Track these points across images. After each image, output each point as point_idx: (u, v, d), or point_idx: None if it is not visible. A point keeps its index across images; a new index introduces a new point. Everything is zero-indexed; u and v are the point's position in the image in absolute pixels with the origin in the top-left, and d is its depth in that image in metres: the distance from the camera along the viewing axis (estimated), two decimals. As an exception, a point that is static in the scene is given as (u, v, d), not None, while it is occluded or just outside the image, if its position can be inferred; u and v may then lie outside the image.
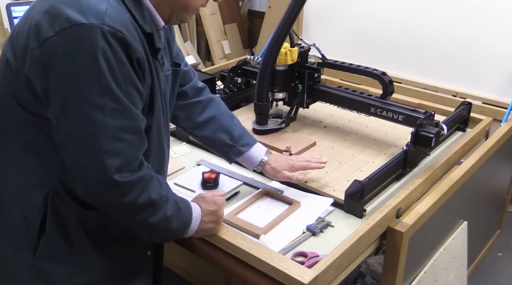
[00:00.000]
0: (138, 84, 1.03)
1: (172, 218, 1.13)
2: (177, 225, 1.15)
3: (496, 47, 2.19)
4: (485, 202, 2.11)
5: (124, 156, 1.01)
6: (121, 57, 0.98)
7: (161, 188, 1.10)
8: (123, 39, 0.97)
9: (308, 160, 1.53)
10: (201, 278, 2.11)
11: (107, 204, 1.06)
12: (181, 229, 1.18)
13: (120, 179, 1.01)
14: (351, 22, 2.61)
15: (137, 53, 1.01)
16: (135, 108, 1.03)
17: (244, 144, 1.45)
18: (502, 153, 2.01)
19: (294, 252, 1.28)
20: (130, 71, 1.00)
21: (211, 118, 1.45)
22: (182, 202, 1.18)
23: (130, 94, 1.01)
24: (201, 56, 4.03)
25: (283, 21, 1.67)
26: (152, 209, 1.08)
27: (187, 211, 1.19)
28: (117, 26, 0.97)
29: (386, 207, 1.40)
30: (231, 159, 1.48)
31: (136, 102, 1.03)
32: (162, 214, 1.10)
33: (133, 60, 1.00)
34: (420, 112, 1.71)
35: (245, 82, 2.14)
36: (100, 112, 0.97)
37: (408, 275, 1.51)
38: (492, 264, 2.39)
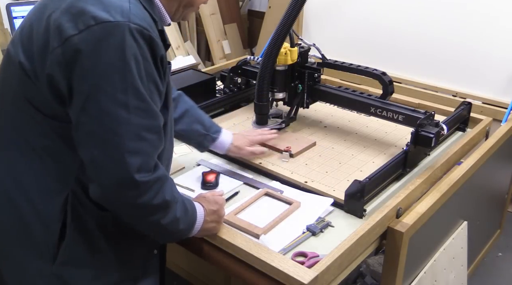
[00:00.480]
0: (159, 83, 1.03)
1: (181, 219, 1.12)
2: (184, 226, 1.15)
3: (496, 47, 2.19)
4: (485, 202, 2.11)
5: (143, 155, 1.00)
6: (146, 55, 0.98)
7: (174, 188, 1.11)
8: (150, 37, 0.98)
9: (261, 133, 1.71)
10: (201, 278, 2.11)
11: (122, 204, 1.04)
12: (187, 230, 1.18)
13: (139, 178, 0.99)
14: (351, 22, 2.61)
15: (161, 50, 1.02)
16: (156, 107, 1.03)
17: (215, 131, 1.58)
18: (502, 153, 2.01)
19: (294, 252, 1.28)
20: (153, 69, 1.00)
21: (185, 112, 1.52)
22: (188, 202, 1.18)
23: (152, 93, 1.01)
24: (201, 56, 4.03)
25: (283, 21, 1.67)
26: (165, 210, 1.08)
27: (192, 211, 1.18)
28: (143, 23, 0.98)
29: (386, 207, 1.41)
30: (205, 147, 1.58)
31: (156, 100, 1.03)
32: (173, 216, 1.09)
33: (157, 58, 1.01)
34: (420, 112, 1.71)
35: (245, 82, 2.14)
36: (124, 110, 0.97)
37: (408, 275, 1.51)
38: (492, 264, 2.39)
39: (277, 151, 1.75)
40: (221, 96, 2.09)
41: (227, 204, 1.48)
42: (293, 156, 1.72)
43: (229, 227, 1.33)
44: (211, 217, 1.23)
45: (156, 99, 1.04)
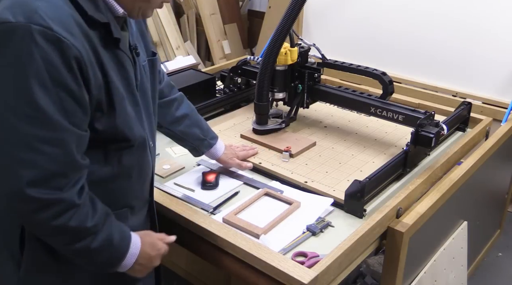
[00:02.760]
0: (73, 89, 0.92)
1: (97, 252, 1.03)
2: (103, 259, 1.06)
3: (496, 47, 2.19)
4: (485, 202, 2.10)
5: (41, 169, 0.91)
6: (51, 58, 0.89)
7: (89, 219, 1.00)
8: (55, 37, 0.89)
9: (244, 149, 1.71)
10: (201, 278, 2.11)
11: (21, 218, 1.00)
12: (108, 264, 1.08)
13: (33, 193, 0.91)
14: (351, 22, 2.61)
15: (73, 50, 0.91)
16: (68, 117, 0.93)
17: (212, 137, 1.57)
18: (502, 153, 2.01)
19: (294, 252, 1.28)
20: (63, 74, 0.91)
21: (186, 114, 1.51)
22: (120, 237, 1.07)
23: (62, 101, 0.92)
24: (201, 56, 4.03)
25: (283, 21, 1.67)
26: (69, 237, 1.00)
27: (121, 247, 1.08)
28: (47, 23, 0.88)
29: (386, 207, 1.41)
30: (201, 152, 1.56)
31: (71, 109, 0.93)
32: (83, 245, 1.01)
33: (70, 60, 0.91)
34: (420, 112, 1.71)
35: (245, 82, 2.14)
36: (14, 117, 0.89)
37: (408, 275, 1.51)
38: (492, 264, 2.39)
39: (277, 151, 1.76)
40: (221, 96, 2.09)
41: (227, 204, 1.48)
42: (293, 156, 1.72)
43: (229, 227, 1.33)
44: (143, 260, 1.12)
45: (71, 107, 0.93)
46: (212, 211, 1.44)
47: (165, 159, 1.70)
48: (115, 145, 1.07)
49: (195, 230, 1.34)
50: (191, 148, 1.56)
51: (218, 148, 1.58)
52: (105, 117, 1.01)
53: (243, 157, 1.67)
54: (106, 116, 1.02)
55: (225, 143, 1.64)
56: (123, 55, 1.05)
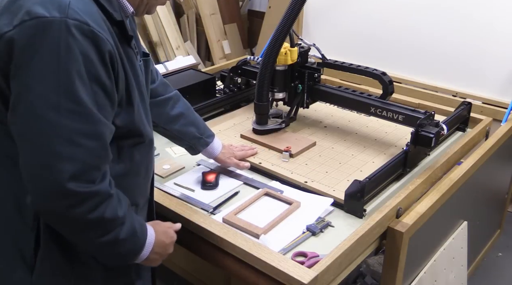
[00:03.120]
0: (105, 82, 0.94)
1: (122, 243, 1.03)
2: (126, 250, 1.06)
3: (496, 47, 2.19)
4: (485, 202, 2.11)
5: (79, 163, 0.91)
6: (87, 52, 0.90)
7: (119, 208, 1.01)
8: (91, 32, 0.91)
9: (242, 149, 1.70)
10: (201, 278, 2.11)
11: (52, 214, 0.96)
12: (130, 255, 1.08)
13: (74, 187, 0.91)
14: (351, 22, 2.61)
15: (108, 45, 0.93)
16: (100, 110, 0.94)
17: (209, 135, 1.57)
18: (502, 153, 2.01)
19: (294, 252, 1.28)
20: (98, 68, 0.92)
21: (182, 113, 1.51)
22: (140, 226, 1.08)
23: (96, 94, 0.93)
24: (201, 56, 4.03)
25: (283, 21, 1.67)
26: (101, 229, 0.99)
27: (142, 236, 1.09)
28: (83, 18, 0.90)
29: (386, 207, 1.40)
30: (197, 150, 1.56)
31: (102, 103, 0.95)
32: (113, 236, 1.01)
33: (104, 54, 0.93)
34: (420, 112, 1.71)
35: (245, 82, 2.14)
36: (54, 111, 0.89)
37: (408, 275, 1.51)
38: (492, 264, 2.39)
39: (277, 151, 1.76)
40: (221, 96, 2.09)
41: (227, 204, 1.48)
42: (293, 156, 1.72)
43: (229, 227, 1.33)
44: (158, 249, 1.13)
45: (103, 101, 0.95)
46: (212, 211, 1.44)
47: (165, 159, 1.70)
48: (129, 141, 1.09)
49: (195, 230, 1.34)
50: (187, 147, 1.56)
51: (215, 147, 1.58)
52: (124, 113, 1.03)
53: (241, 157, 1.67)
54: (125, 112, 1.04)
55: (225, 143, 1.64)
56: (132, 53, 1.06)
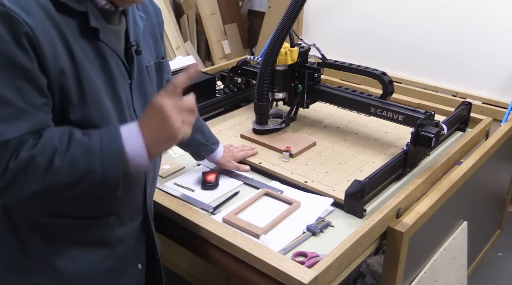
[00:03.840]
0: (24, 65, 0.90)
1: (77, 160, 0.93)
2: (91, 163, 0.94)
3: (496, 47, 2.19)
4: (485, 202, 2.11)
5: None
6: (0, 34, 0.88)
7: (35, 144, 0.92)
8: (6, 13, 0.88)
9: (243, 149, 1.71)
10: (201, 278, 2.11)
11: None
12: (106, 161, 0.95)
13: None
14: (351, 22, 2.61)
15: (24, 27, 0.89)
16: (19, 94, 0.90)
17: (214, 142, 1.58)
18: (502, 153, 2.01)
19: (294, 252, 1.28)
20: (12, 50, 0.88)
21: None
22: (99, 133, 0.96)
23: (13, 78, 0.89)
24: (201, 56, 4.03)
25: (283, 21, 1.67)
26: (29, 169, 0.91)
27: (104, 137, 0.96)
28: (1, 1, 0.88)
29: (386, 207, 1.41)
30: (202, 156, 1.57)
31: (19, 84, 0.90)
32: (55, 160, 0.92)
33: (19, 35, 0.89)
34: (420, 112, 1.71)
35: (245, 82, 2.14)
36: None
37: (408, 275, 1.51)
38: (492, 264, 2.39)
39: (277, 151, 1.76)
40: (221, 96, 2.09)
41: (227, 204, 1.48)
42: (293, 156, 1.72)
43: (229, 227, 1.33)
44: (149, 118, 0.97)
45: (23, 85, 0.90)
46: (212, 211, 1.44)
47: (165, 159, 1.70)
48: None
49: (195, 230, 1.33)
50: (192, 152, 1.57)
51: (218, 152, 1.59)
52: (76, 107, 0.97)
53: (241, 158, 1.67)
54: (78, 106, 0.97)
55: (225, 143, 1.64)
56: (106, 48, 1.02)
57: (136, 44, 1.09)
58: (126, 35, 1.09)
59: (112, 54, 1.03)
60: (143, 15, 1.15)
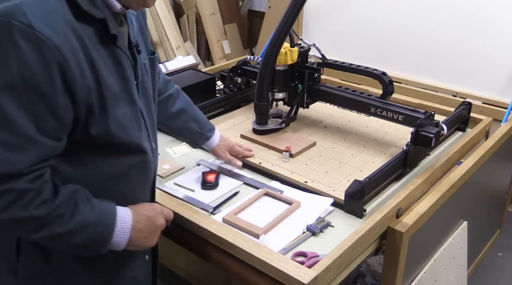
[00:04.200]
0: (47, 92, 0.88)
1: (68, 234, 0.97)
2: (83, 240, 0.99)
3: (496, 47, 2.19)
4: (485, 202, 2.10)
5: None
6: (26, 58, 0.85)
7: (40, 204, 0.93)
8: (34, 36, 0.84)
9: (240, 146, 1.70)
10: (201, 278, 2.11)
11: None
12: (96, 244, 1.02)
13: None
14: (351, 22, 2.61)
15: (55, 53, 0.86)
16: (37, 121, 0.89)
17: (209, 129, 1.59)
18: (502, 153, 2.01)
19: (294, 252, 1.28)
20: (37, 76, 0.86)
21: (182, 109, 1.51)
22: (99, 213, 1.01)
23: (33, 104, 0.88)
24: (201, 56, 4.03)
25: (283, 21, 1.67)
26: (26, 225, 0.94)
27: (104, 223, 1.02)
28: (28, 20, 0.84)
29: (386, 207, 1.40)
30: (198, 144, 1.60)
31: (41, 113, 0.89)
32: (49, 231, 0.95)
33: (48, 61, 0.86)
34: (420, 112, 1.71)
35: (245, 82, 2.14)
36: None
37: (408, 275, 1.51)
38: (492, 264, 2.39)
39: (277, 151, 1.76)
40: (221, 96, 2.09)
41: (227, 204, 1.48)
42: (293, 156, 1.72)
43: (229, 227, 1.33)
44: (143, 224, 1.07)
45: (42, 111, 0.89)
46: (212, 211, 1.44)
47: (165, 159, 1.70)
48: (112, 148, 1.04)
49: (195, 230, 1.33)
50: (189, 141, 1.61)
51: (213, 140, 1.60)
52: (98, 121, 0.98)
53: (237, 153, 1.68)
54: (99, 120, 0.98)
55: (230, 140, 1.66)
56: (121, 52, 1.02)
57: (136, 43, 1.09)
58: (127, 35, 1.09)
59: (125, 57, 1.03)
60: (134, 12, 1.15)
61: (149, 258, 1.24)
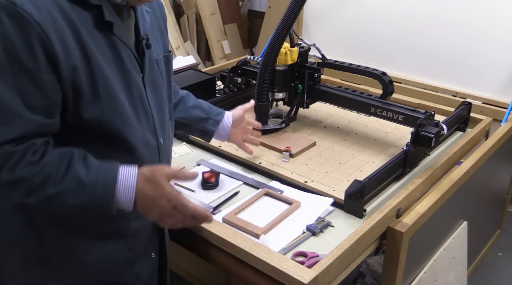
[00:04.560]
0: (30, 67, 0.90)
1: (69, 193, 0.96)
2: (84, 199, 0.98)
3: (496, 47, 2.19)
4: (485, 202, 2.10)
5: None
6: (9, 33, 0.88)
7: (27, 166, 0.93)
8: (17, 12, 0.87)
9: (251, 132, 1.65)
10: (201, 278, 2.11)
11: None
12: (99, 202, 0.99)
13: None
14: (351, 22, 2.61)
15: (36, 28, 0.88)
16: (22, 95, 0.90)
17: (217, 113, 1.51)
18: (502, 153, 2.01)
19: (294, 252, 1.28)
20: (19, 50, 0.89)
21: (181, 99, 1.47)
22: (97, 171, 0.99)
23: (16, 78, 0.90)
24: (201, 56, 4.03)
25: (283, 21, 1.67)
26: (17, 189, 0.95)
27: (99, 181, 0.98)
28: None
29: (386, 207, 1.40)
30: (210, 131, 1.50)
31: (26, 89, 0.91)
32: (43, 193, 0.95)
33: (30, 36, 0.88)
34: (420, 112, 1.71)
35: (245, 82, 2.14)
36: None
37: (408, 275, 1.51)
38: (492, 264, 2.39)
39: (277, 151, 1.76)
40: (221, 96, 2.08)
41: (227, 204, 1.48)
42: (293, 156, 1.72)
43: (229, 227, 1.33)
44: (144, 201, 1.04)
45: (24, 85, 0.90)
46: (212, 211, 1.44)
47: (165, 159, 1.70)
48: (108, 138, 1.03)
49: (195, 230, 1.33)
50: (200, 133, 1.51)
51: (226, 123, 1.51)
52: (89, 104, 0.98)
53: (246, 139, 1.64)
54: (91, 104, 0.98)
55: None
56: (119, 42, 1.03)
57: (146, 38, 1.10)
58: (136, 29, 1.10)
59: (124, 47, 1.04)
60: (149, 9, 1.17)
61: (155, 256, 1.24)
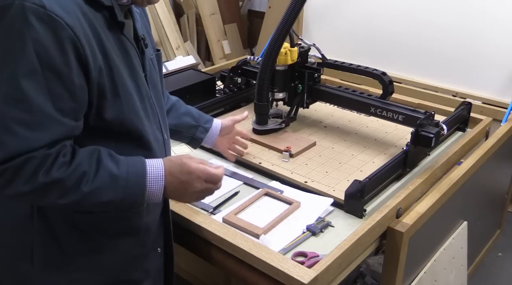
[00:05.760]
0: (62, 71, 0.90)
1: (103, 190, 0.98)
2: (117, 194, 1.00)
3: (496, 47, 2.19)
4: (485, 202, 2.11)
5: (9, 151, 0.89)
6: (41, 38, 0.87)
7: (61, 166, 0.94)
8: (48, 16, 0.87)
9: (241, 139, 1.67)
10: (201, 278, 2.11)
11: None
12: (132, 196, 1.02)
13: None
14: (351, 22, 2.61)
15: (68, 31, 0.88)
16: (54, 100, 0.90)
17: (206, 120, 1.53)
18: (502, 153, 2.01)
19: (294, 252, 1.28)
20: (52, 56, 0.89)
21: (172, 106, 1.47)
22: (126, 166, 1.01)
23: (49, 82, 0.89)
24: (201, 56, 4.03)
25: (283, 21, 1.67)
26: (51, 190, 0.95)
27: (130, 176, 1.01)
28: (40, 1, 0.87)
29: (386, 207, 1.40)
30: (199, 139, 1.52)
31: (57, 92, 0.91)
32: (78, 192, 0.96)
33: (62, 40, 0.88)
34: (420, 112, 1.71)
35: (245, 82, 2.14)
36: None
37: (408, 275, 1.51)
38: (492, 264, 2.39)
39: (277, 151, 1.76)
40: (221, 96, 2.09)
41: (227, 204, 1.48)
42: (293, 156, 1.72)
43: (229, 227, 1.33)
44: (174, 186, 1.07)
45: (58, 90, 0.90)
46: (212, 211, 1.44)
47: (165, 159, 1.70)
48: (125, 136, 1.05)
49: (195, 230, 1.34)
50: (188, 139, 1.52)
51: (214, 129, 1.54)
52: (111, 105, 1.00)
53: (232, 149, 1.67)
54: (113, 104, 1.00)
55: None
56: (127, 42, 1.04)
57: (143, 36, 1.12)
58: (134, 29, 1.11)
59: (131, 47, 1.06)
60: (138, 10, 1.17)
61: (161, 251, 1.25)
